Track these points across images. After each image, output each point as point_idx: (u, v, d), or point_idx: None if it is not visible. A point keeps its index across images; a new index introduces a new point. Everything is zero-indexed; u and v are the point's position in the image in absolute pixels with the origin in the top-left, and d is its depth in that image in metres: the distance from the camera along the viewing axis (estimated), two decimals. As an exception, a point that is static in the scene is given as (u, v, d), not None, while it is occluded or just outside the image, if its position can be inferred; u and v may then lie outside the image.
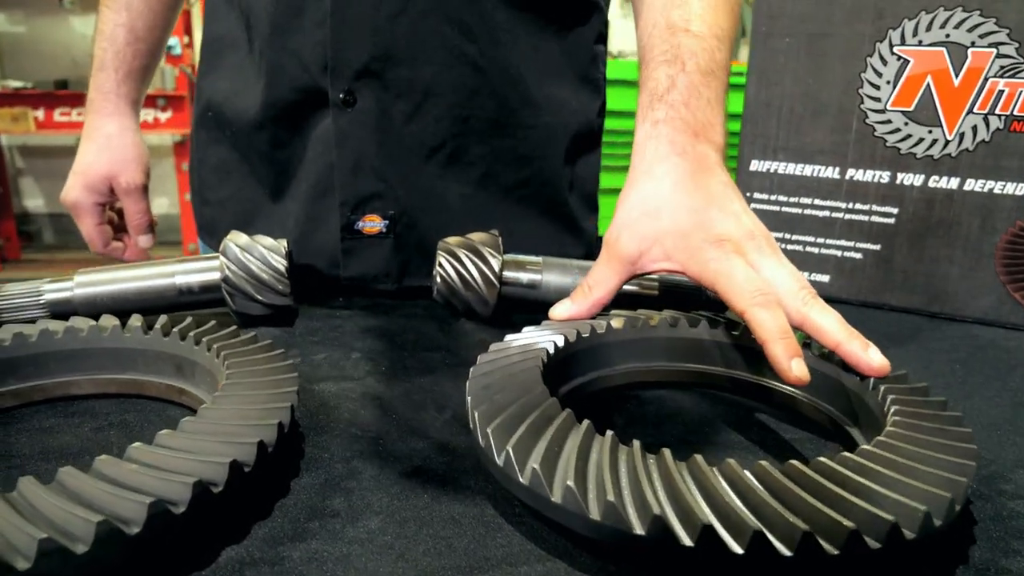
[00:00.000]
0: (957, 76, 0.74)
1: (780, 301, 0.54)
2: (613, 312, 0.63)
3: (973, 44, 0.73)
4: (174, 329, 0.56)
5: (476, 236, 0.75)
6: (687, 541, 0.35)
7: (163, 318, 0.58)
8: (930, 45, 0.75)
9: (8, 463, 0.46)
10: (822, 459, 0.39)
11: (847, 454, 0.41)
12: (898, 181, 0.80)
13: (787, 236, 0.86)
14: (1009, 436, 0.55)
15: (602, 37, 0.94)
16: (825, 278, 0.86)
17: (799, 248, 0.86)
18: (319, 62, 0.80)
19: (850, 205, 0.82)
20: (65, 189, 0.97)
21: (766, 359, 0.52)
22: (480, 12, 0.80)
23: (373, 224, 0.83)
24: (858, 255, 0.84)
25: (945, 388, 0.64)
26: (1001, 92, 0.73)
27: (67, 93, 3.94)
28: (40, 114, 3.88)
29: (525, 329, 0.59)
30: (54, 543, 0.32)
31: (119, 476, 0.36)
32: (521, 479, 0.40)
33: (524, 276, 0.74)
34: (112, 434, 0.51)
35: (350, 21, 0.78)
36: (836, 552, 0.35)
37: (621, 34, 5.13)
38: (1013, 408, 0.60)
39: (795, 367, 0.49)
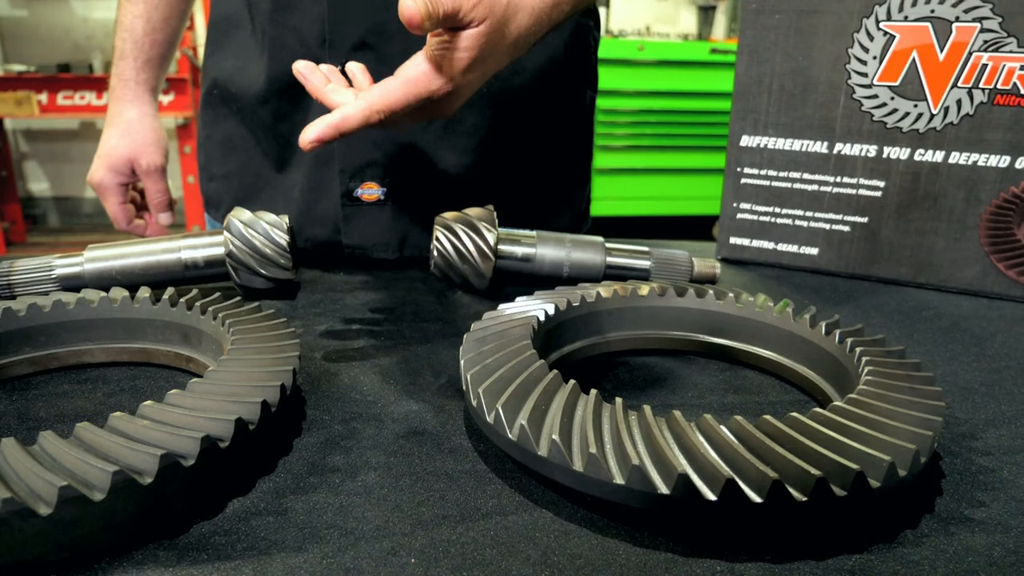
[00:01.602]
0: (942, 51, 0.76)
1: None
2: (604, 283, 0.65)
3: (957, 19, 0.74)
4: (181, 300, 0.58)
5: (472, 211, 0.77)
6: (664, 489, 0.37)
7: (170, 290, 0.60)
8: (915, 20, 0.76)
9: (27, 425, 0.49)
10: (794, 414, 0.42)
11: (818, 410, 0.43)
12: (885, 155, 0.81)
13: (776, 210, 0.88)
14: (983, 399, 0.58)
15: (591, 12, 0.96)
16: (814, 251, 0.88)
17: (789, 221, 0.88)
18: (318, 37, 0.83)
19: (838, 179, 0.84)
20: (91, 171, 1.02)
21: (751, 329, 0.54)
22: None
23: (371, 191, 0.87)
24: (846, 228, 0.86)
25: (926, 354, 0.66)
26: (985, 66, 0.75)
27: (70, 76, 3.94)
28: (43, 98, 3.89)
29: (518, 299, 0.61)
30: (73, 491, 0.34)
31: (132, 431, 0.39)
32: (510, 435, 0.42)
33: (519, 250, 0.76)
34: (123, 399, 0.53)
35: None
36: (804, 499, 0.37)
37: (621, 13, 5.12)
38: (990, 373, 0.62)
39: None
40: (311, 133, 0.58)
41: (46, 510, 0.34)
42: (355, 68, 0.65)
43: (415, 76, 0.59)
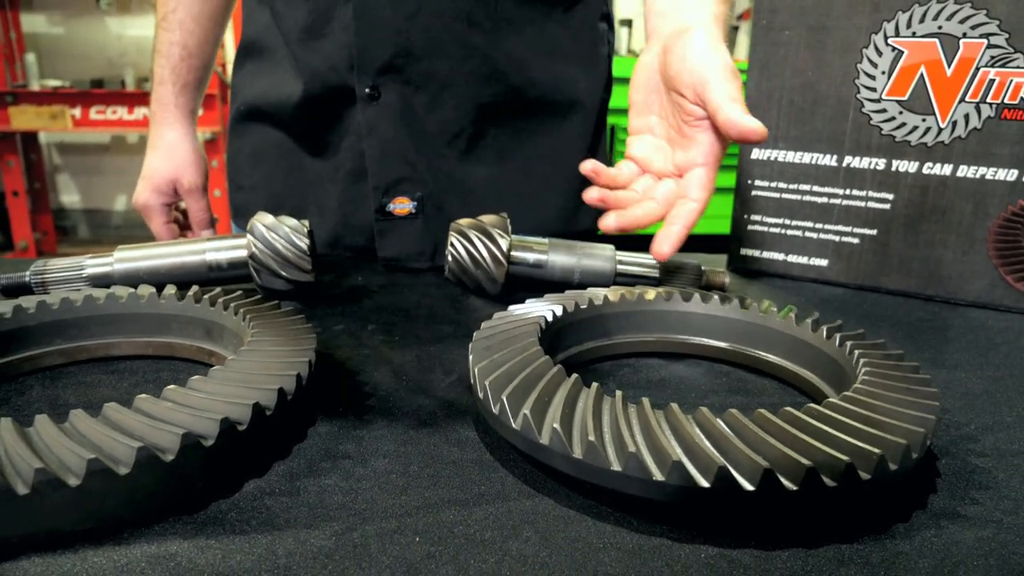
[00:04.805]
0: (949, 66, 0.77)
1: None
2: (612, 287, 0.67)
3: (964, 35, 0.76)
4: (205, 297, 0.61)
5: (487, 218, 0.79)
6: (659, 476, 0.39)
7: (195, 287, 0.63)
8: (923, 36, 0.78)
9: (57, 411, 0.52)
10: (788, 408, 0.43)
11: (813, 405, 0.44)
12: (893, 168, 0.83)
13: (787, 222, 0.90)
14: (984, 405, 0.58)
15: (605, 16, 1.00)
16: (824, 262, 0.89)
17: (799, 233, 0.90)
18: (346, 62, 0.87)
19: (847, 191, 0.86)
20: (136, 193, 1.06)
21: (755, 333, 0.56)
22: (486, 4, 0.86)
23: (403, 206, 0.91)
24: (855, 240, 0.87)
25: (930, 362, 0.67)
26: (992, 81, 0.76)
27: (103, 92, 4.05)
28: (77, 112, 3.99)
29: (527, 300, 0.63)
30: (100, 464, 0.37)
31: (157, 412, 0.41)
32: (513, 424, 0.44)
33: (531, 256, 0.78)
34: (148, 389, 0.56)
35: (372, 23, 0.85)
36: (795, 488, 0.38)
37: (642, 33, 5.13)
38: (992, 381, 0.63)
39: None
40: (667, 247, 0.61)
41: (75, 481, 0.36)
42: None
43: (714, 152, 0.62)
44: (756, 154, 0.89)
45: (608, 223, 0.64)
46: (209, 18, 1.03)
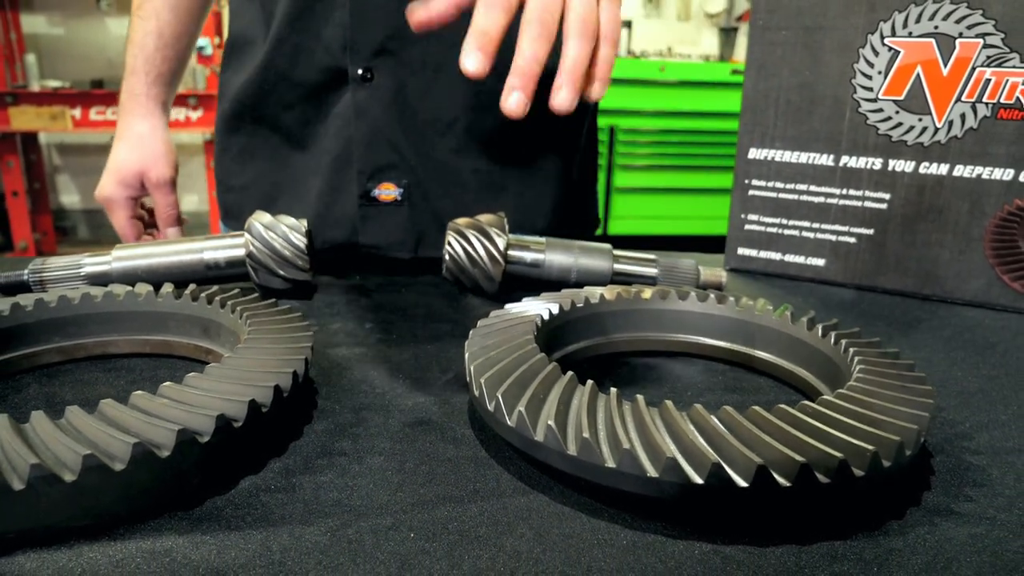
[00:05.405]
0: (945, 66, 0.77)
1: None
2: (608, 285, 0.67)
3: (961, 35, 0.76)
4: (202, 295, 0.61)
5: (484, 217, 0.79)
6: (653, 472, 0.39)
7: (192, 285, 0.63)
8: (919, 36, 0.78)
9: (54, 409, 0.52)
10: (782, 406, 0.43)
11: (807, 402, 0.44)
12: (890, 168, 0.83)
13: (784, 221, 0.90)
14: (979, 404, 0.59)
15: None
16: (821, 262, 0.89)
17: (796, 233, 0.90)
18: (339, 42, 0.87)
19: (844, 191, 0.86)
20: (99, 185, 1.03)
21: (751, 331, 0.56)
22: None
23: (388, 192, 0.90)
24: (852, 239, 0.87)
25: (926, 360, 0.67)
26: (988, 81, 0.76)
27: (103, 92, 4.06)
28: (77, 112, 4.00)
29: (523, 299, 0.63)
30: (96, 460, 0.37)
31: (152, 408, 0.41)
32: (509, 421, 0.44)
33: (528, 255, 0.78)
34: (145, 387, 0.56)
35: (367, 3, 0.84)
36: (788, 484, 0.38)
37: (643, 34, 5.16)
38: (988, 380, 0.63)
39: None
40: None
41: (71, 477, 0.36)
42: None
43: None
44: (753, 154, 0.90)
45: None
46: (186, 10, 1.01)
